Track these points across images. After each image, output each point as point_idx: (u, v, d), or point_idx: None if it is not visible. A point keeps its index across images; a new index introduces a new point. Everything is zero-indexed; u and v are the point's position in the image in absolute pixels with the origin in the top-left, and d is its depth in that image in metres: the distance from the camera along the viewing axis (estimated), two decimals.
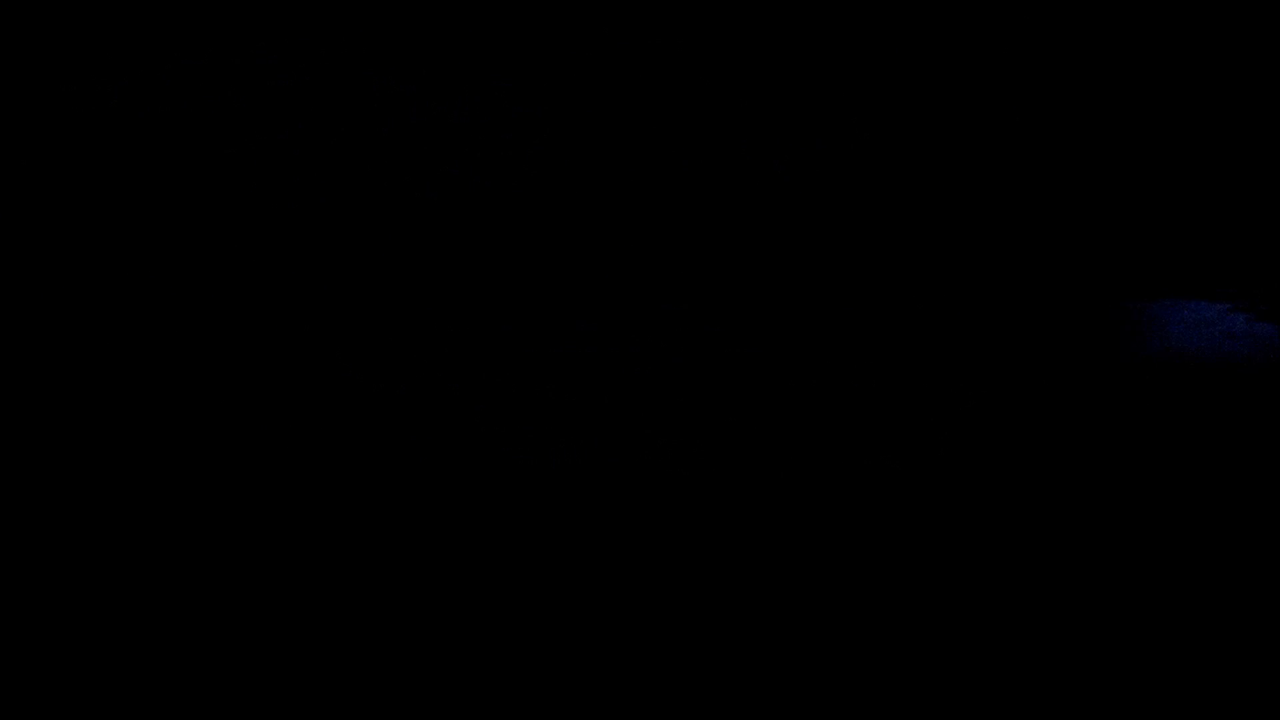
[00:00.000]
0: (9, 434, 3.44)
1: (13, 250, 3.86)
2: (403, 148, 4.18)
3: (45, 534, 3.13)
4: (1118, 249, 4.45)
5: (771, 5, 4.32)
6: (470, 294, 4.06)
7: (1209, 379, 3.90)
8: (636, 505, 3.32)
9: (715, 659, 2.79)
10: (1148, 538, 3.21)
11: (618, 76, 4.31)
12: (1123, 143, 4.52)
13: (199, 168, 4.04)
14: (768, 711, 2.64)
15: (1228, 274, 4.40)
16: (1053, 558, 3.13)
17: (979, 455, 3.56)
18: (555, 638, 2.83)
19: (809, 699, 2.68)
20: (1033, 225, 4.46)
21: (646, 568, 3.09)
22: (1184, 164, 4.52)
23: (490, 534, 3.20)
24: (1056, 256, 4.42)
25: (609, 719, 2.61)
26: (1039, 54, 4.44)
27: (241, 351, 3.77)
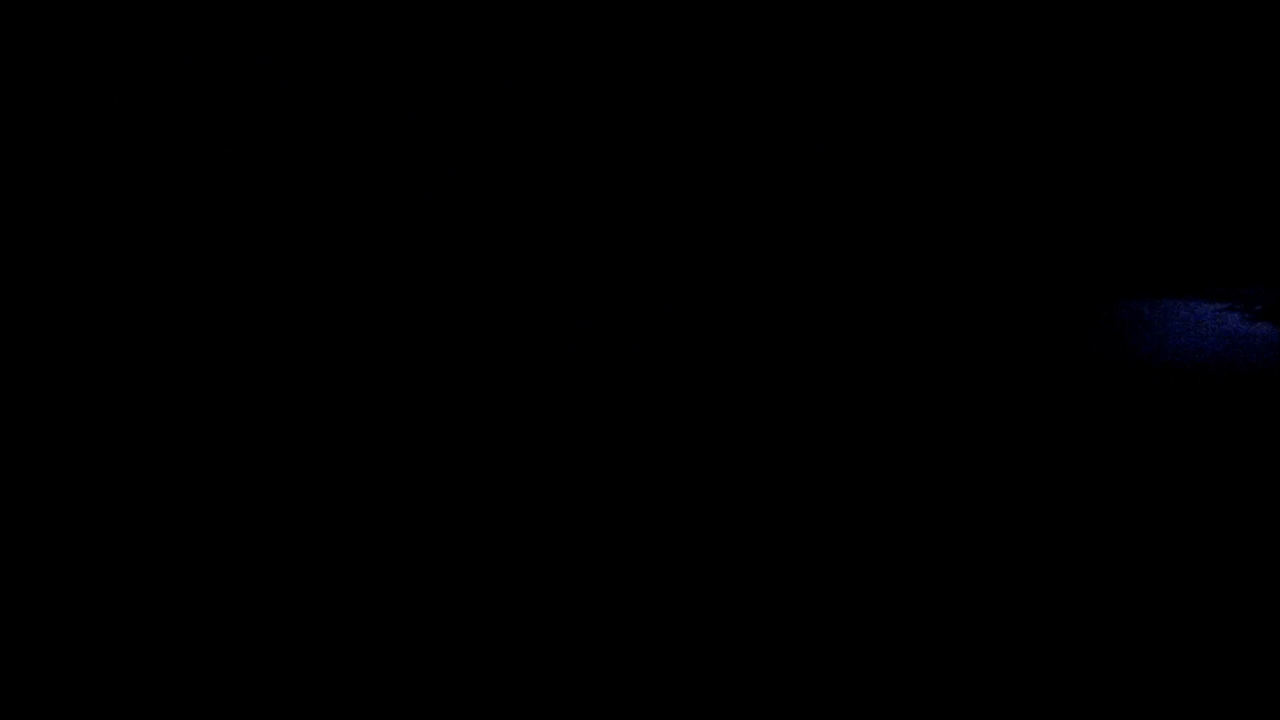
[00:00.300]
0: (10, 433, 3.44)
1: (13, 249, 3.86)
2: (403, 148, 4.18)
3: (46, 533, 3.13)
4: (1115, 248, 4.46)
5: (771, 7, 4.33)
6: (470, 294, 4.07)
7: (1205, 378, 3.91)
8: (636, 505, 3.33)
9: (715, 657, 2.80)
10: (1144, 535, 3.21)
11: (617, 77, 4.31)
12: (1117, 142, 4.53)
13: (199, 167, 4.04)
14: (768, 710, 2.65)
15: (1223, 273, 4.41)
16: (1049, 555, 3.14)
17: (978, 454, 3.57)
18: (555, 636, 2.84)
19: (808, 696, 2.68)
20: (1030, 224, 4.46)
21: (646, 567, 3.10)
22: (1179, 163, 4.53)
23: (490, 533, 3.20)
24: (1054, 255, 4.43)
25: (609, 718, 2.61)
26: (1036, 56, 4.45)
27: (242, 351, 3.77)
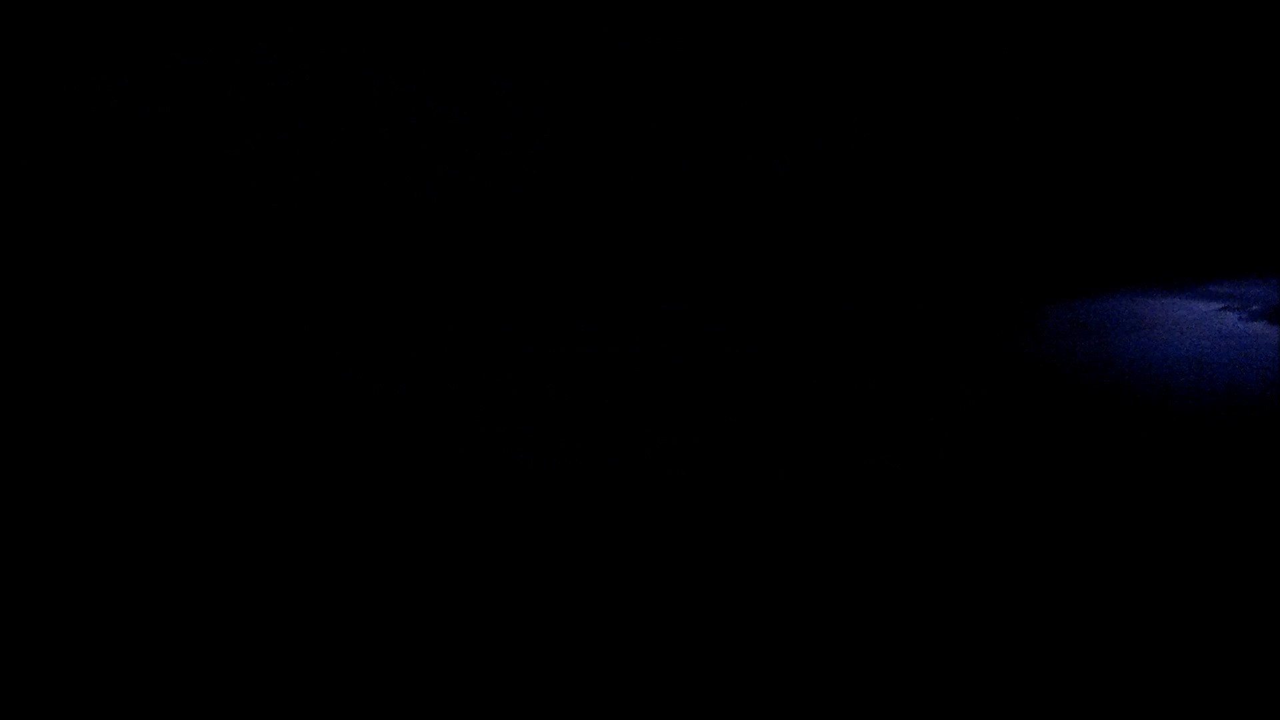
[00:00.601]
0: (9, 433, 3.44)
1: (14, 249, 3.86)
2: (403, 148, 4.18)
3: (45, 533, 3.13)
4: (1114, 246, 4.47)
5: (771, 7, 4.33)
6: (470, 294, 4.07)
7: (1204, 377, 3.92)
8: (636, 505, 3.33)
9: (714, 655, 2.80)
10: (1143, 535, 3.22)
11: (617, 77, 4.31)
12: (1117, 141, 4.53)
13: (199, 167, 4.03)
14: (767, 711, 2.65)
15: (1223, 273, 4.42)
16: (1048, 554, 3.15)
17: (980, 453, 3.57)
18: (555, 635, 2.84)
19: (807, 696, 2.69)
20: (1030, 222, 4.47)
21: (646, 566, 3.10)
22: (1180, 163, 4.54)
23: (490, 533, 3.21)
24: (1054, 253, 4.44)
25: (610, 718, 2.62)
26: (1037, 54, 4.45)
27: (242, 351, 3.77)
